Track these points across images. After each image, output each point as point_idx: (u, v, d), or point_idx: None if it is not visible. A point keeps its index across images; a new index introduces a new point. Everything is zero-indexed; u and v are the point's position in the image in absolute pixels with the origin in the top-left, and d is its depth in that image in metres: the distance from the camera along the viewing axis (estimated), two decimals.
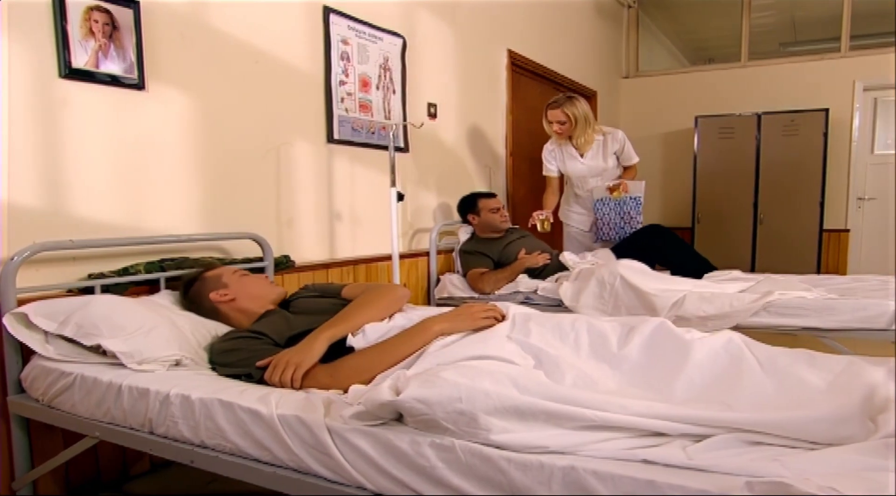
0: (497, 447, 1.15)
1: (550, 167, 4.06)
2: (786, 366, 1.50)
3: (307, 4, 2.94)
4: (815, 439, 1.21)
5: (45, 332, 1.76)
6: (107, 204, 2.20)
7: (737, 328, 2.85)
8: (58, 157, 2.06)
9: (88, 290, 2.03)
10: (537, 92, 5.16)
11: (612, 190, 3.86)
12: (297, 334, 1.79)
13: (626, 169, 4.07)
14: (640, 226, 3.86)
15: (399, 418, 1.27)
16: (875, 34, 6.04)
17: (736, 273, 3.54)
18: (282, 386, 1.58)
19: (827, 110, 5.65)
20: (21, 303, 1.82)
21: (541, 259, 3.53)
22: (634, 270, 3.20)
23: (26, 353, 1.82)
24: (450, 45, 3.99)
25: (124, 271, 2.16)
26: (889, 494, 0.93)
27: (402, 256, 3.51)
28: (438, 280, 3.70)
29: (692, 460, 1.12)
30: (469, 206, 3.78)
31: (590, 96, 6.04)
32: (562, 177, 4.14)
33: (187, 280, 2.12)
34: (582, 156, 3.95)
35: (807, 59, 6.11)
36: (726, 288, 3.14)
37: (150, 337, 1.71)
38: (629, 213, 3.86)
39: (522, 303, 3.31)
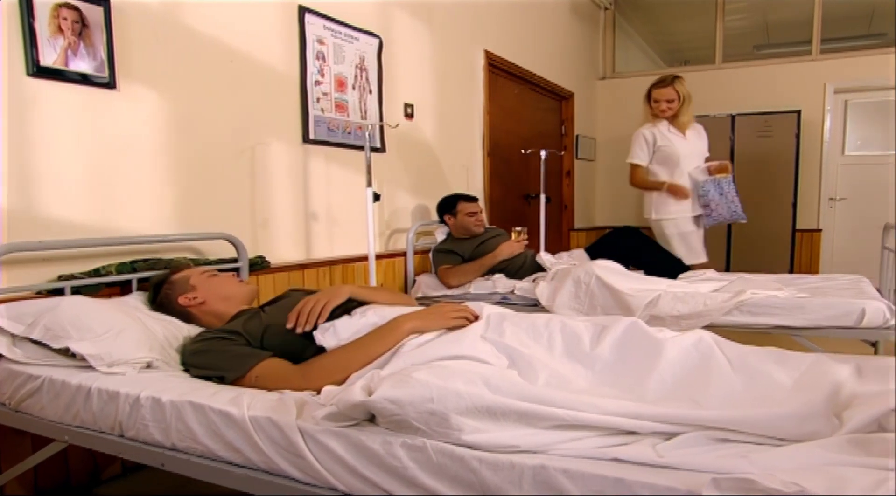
0: (469, 447, 1.15)
1: (642, 154, 4.14)
2: (754, 365, 1.52)
3: (283, 4, 2.93)
4: (781, 436, 1.23)
5: (13, 335, 1.73)
6: (78, 204, 2.17)
7: (710, 327, 2.89)
8: (27, 156, 2.03)
9: (58, 292, 2.00)
10: (514, 92, 5.18)
11: (717, 171, 3.96)
12: (271, 331, 1.78)
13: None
14: (740, 204, 3.98)
15: (372, 419, 1.26)
16: (845, 37, 6.15)
17: (710, 273, 3.59)
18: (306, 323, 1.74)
19: (799, 112, 5.73)
20: None
21: (517, 246, 3.53)
22: (610, 270, 3.22)
23: None
24: (426, 45, 3.98)
25: (95, 272, 2.13)
26: (851, 491, 0.94)
27: (379, 257, 3.50)
28: (415, 280, 3.69)
29: (662, 458, 1.13)
30: (448, 206, 3.77)
31: (567, 97, 6.07)
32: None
33: (155, 283, 2.09)
34: (684, 135, 4.07)
35: (779, 62, 6.19)
36: (700, 287, 3.18)
37: (120, 339, 1.69)
38: (728, 192, 3.94)
39: (499, 303, 3.32)
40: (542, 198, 4.43)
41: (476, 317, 1.79)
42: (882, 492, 0.92)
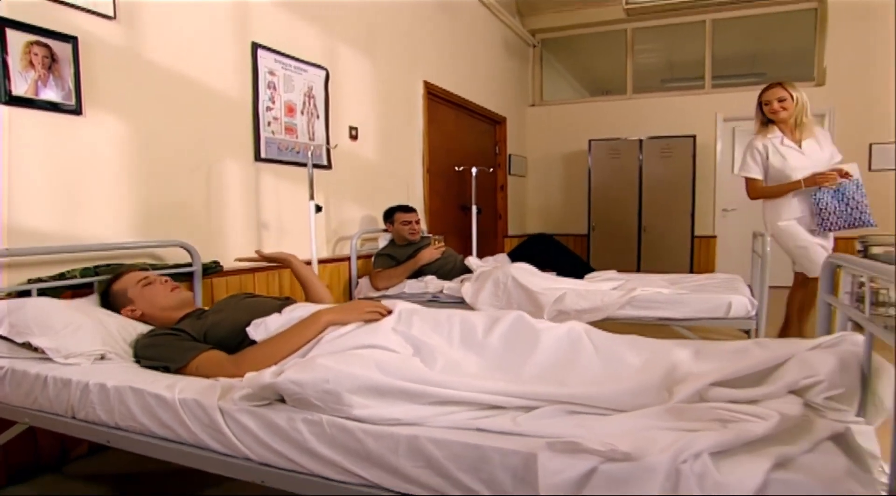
0: (358, 420, 1.22)
1: (755, 167, 3.35)
2: (613, 349, 1.62)
3: (237, 40, 2.97)
4: (621, 408, 1.33)
5: None
6: (47, 215, 2.18)
7: (607, 319, 3.03)
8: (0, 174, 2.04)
9: (27, 293, 2.01)
10: (452, 117, 5.28)
11: (823, 181, 3.18)
12: (214, 329, 1.82)
13: None
14: (868, 209, 3.16)
15: (283, 399, 1.33)
16: (735, 75, 6.42)
17: (611, 273, 3.72)
18: None
19: (694, 137, 5.97)
20: None
21: (435, 252, 3.61)
22: (525, 272, 3.33)
23: None
24: (369, 76, 4.05)
25: (61, 276, 2.14)
26: (653, 449, 1.04)
27: (326, 261, 3.55)
28: (358, 282, 3.75)
29: (518, 427, 1.22)
30: (387, 216, 3.85)
31: (500, 121, 6.20)
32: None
33: (101, 292, 2.08)
34: (800, 147, 3.29)
35: (679, 94, 6.44)
36: (601, 286, 3.30)
37: (76, 335, 1.72)
38: (853, 196, 3.16)
39: (430, 301, 3.41)
40: (474, 209, 4.54)
41: (389, 312, 1.86)
42: (678, 447, 1.01)
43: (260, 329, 1.77)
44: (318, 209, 2.98)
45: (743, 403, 1.28)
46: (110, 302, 2.04)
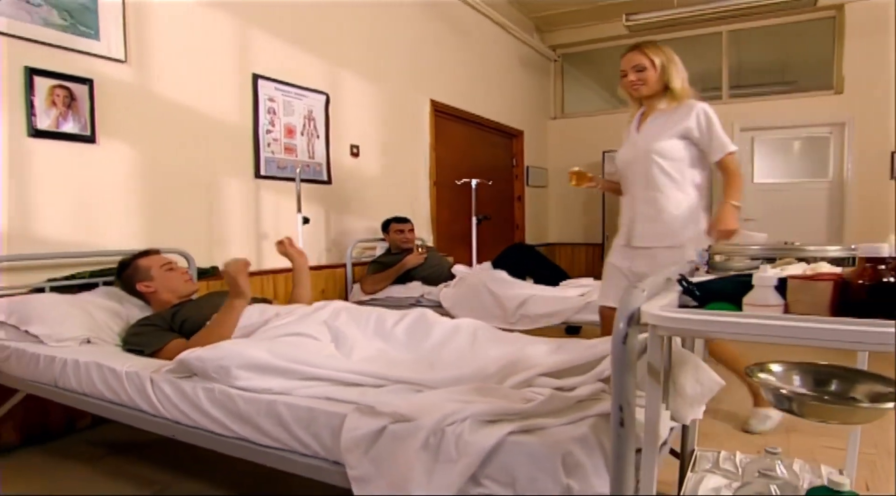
0: (240, 389, 1.59)
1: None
2: (485, 343, 1.94)
3: (238, 73, 3.43)
4: (445, 386, 1.63)
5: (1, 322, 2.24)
6: (64, 227, 2.67)
7: (567, 322, 3.30)
8: (25, 193, 2.54)
9: (41, 290, 2.51)
10: (462, 132, 5.62)
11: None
12: (189, 321, 2.23)
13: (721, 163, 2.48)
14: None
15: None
16: (760, 84, 6.46)
17: (586, 281, 3.96)
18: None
19: None
20: None
21: (419, 258, 3.94)
22: (497, 279, 3.64)
23: None
24: (371, 97, 4.46)
25: (72, 277, 2.63)
26: (435, 413, 1.36)
27: (323, 267, 3.97)
28: (353, 287, 4.14)
29: (362, 399, 1.56)
30: (384, 226, 4.25)
31: (516, 135, 6.49)
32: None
33: (123, 262, 2.53)
34: (639, 128, 2.61)
35: None
36: (567, 292, 3.56)
37: (66, 323, 2.19)
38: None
39: (413, 305, 3.76)
40: (473, 220, 4.85)
41: (247, 263, 2.19)
42: (446, 412, 1.33)
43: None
44: (306, 221, 3.39)
45: (565, 389, 1.57)
46: (129, 273, 2.47)
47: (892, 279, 0.97)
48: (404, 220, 4.21)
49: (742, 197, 2.38)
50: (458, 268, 4.02)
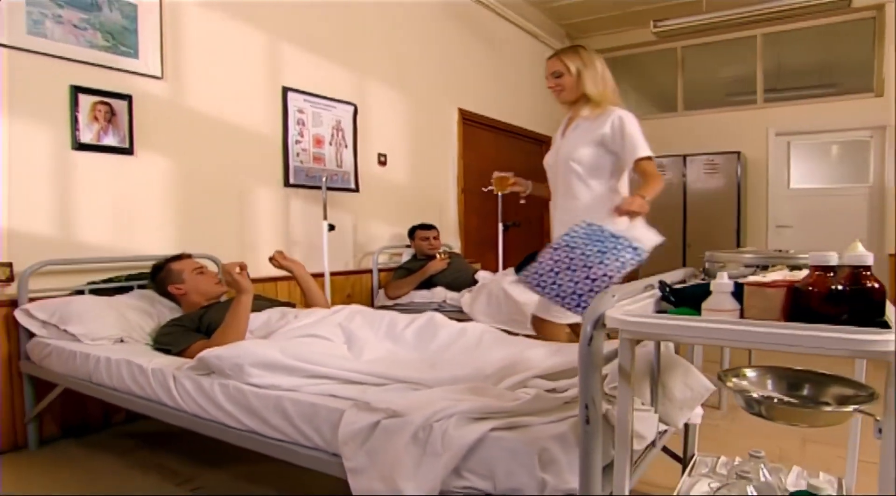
0: (252, 385, 1.72)
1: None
2: (490, 345, 2.03)
3: (269, 86, 3.60)
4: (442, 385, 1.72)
5: (42, 321, 2.42)
6: (104, 233, 2.87)
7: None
8: (69, 201, 2.74)
9: (81, 292, 2.69)
10: (490, 139, 5.71)
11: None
12: (214, 324, 2.38)
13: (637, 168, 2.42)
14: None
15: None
16: (798, 87, 6.35)
17: None
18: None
19: (739, 152, 6.01)
20: (32, 301, 2.49)
21: (441, 263, 4.03)
22: (515, 285, 3.70)
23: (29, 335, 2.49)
24: (399, 107, 4.59)
25: (110, 280, 2.82)
26: (427, 408, 1.45)
27: (350, 273, 4.11)
28: (378, 292, 4.27)
29: (363, 396, 1.66)
30: (410, 233, 4.36)
31: (546, 141, 6.53)
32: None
33: (157, 266, 2.71)
34: (563, 133, 2.65)
35: (730, 110, 6.47)
36: None
37: (101, 323, 2.36)
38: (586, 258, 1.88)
39: (436, 309, 3.85)
40: (500, 227, 4.92)
41: (242, 267, 2.31)
42: (436, 409, 1.42)
43: None
44: (331, 228, 3.53)
45: (559, 391, 1.64)
46: (163, 276, 2.65)
47: (839, 287, 1.02)
48: (430, 227, 4.31)
49: (654, 196, 2.30)
50: (481, 274, 4.10)
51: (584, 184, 2.51)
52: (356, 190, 4.21)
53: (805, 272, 1.40)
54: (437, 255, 4.10)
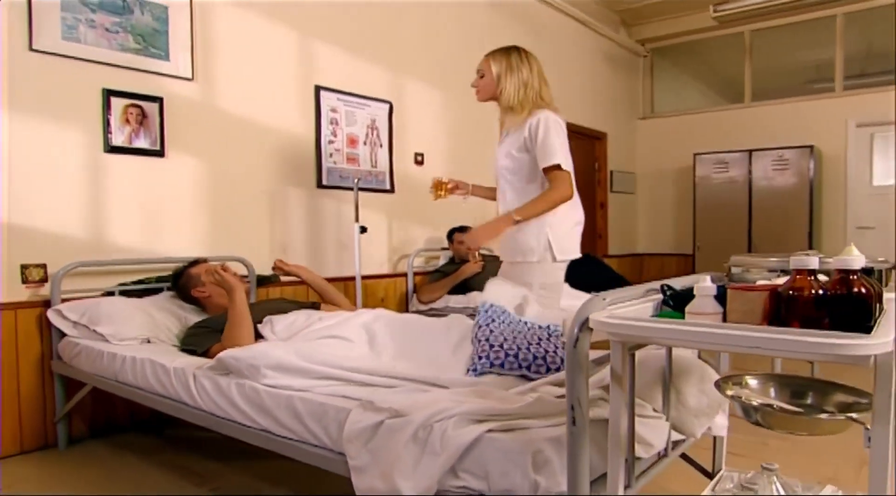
0: (267, 385, 1.88)
1: None
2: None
3: (301, 85, 3.81)
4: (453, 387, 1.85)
5: (73, 321, 2.67)
6: (136, 235, 3.11)
7: None
8: (101, 203, 3.00)
9: (111, 293, 2.94)
10: None
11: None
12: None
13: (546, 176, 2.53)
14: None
15: None
16: (871, 74, 6.19)
17: None
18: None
19: (812, 146, 5.89)
20: (65, 301, 2.75)
21: (475, 267, 4.15)
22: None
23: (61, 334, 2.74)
24: (437, 104, 4.74)
25: (140, 282, 3.06)
26: (431, 408, 1.57)
27: (384, 276, 4.27)
28: (412, 296, 4.42)
29: (371, 396, 1.80)
30: (448, 236, 4.51)
31: (599, 137, 6.57)
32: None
33: (176, 272, 2.93)
34: (500, 140, 2.78)
35: (805, 99, 6.35)
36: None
37: (129, 324, 2.59)
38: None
39: (470, 315, 3.97)
40: None
41: (224, 268, 2.49)
42: (437, 409, 1.55)
43: (266, 325, 2.51)
44: (363, 230, 3.70)
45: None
46: (183, 282, 2.87)
47: (821, 291, 1.09)
48: (467, 230, 4.44)
49: (538, 213, 2.48)
50: None
51: (516, 189, 2.64)
52: (391, 191, 4.37)
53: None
54: (471, 258, 4.23)
